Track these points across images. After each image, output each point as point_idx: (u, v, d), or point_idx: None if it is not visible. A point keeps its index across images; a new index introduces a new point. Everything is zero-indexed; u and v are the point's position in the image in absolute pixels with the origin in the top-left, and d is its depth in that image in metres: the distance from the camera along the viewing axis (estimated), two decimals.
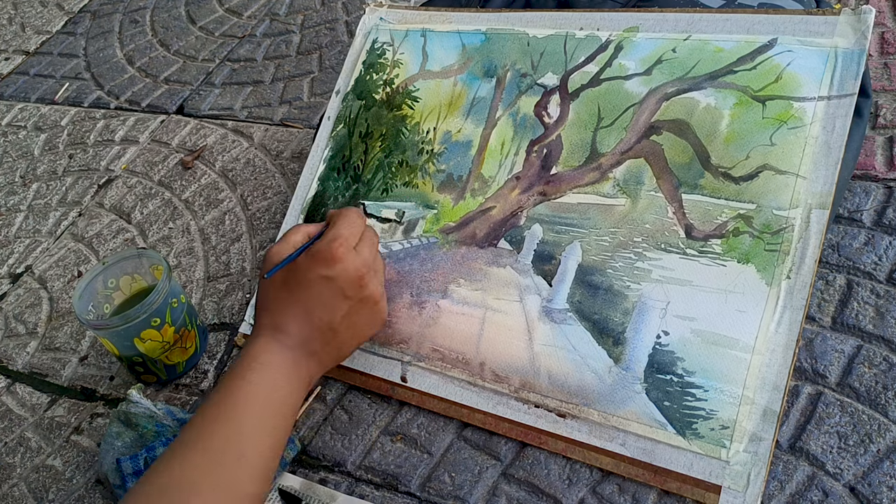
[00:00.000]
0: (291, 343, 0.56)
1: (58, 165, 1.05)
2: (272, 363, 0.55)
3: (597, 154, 0.65)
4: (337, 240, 0.57)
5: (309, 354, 0.56)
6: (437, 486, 0.59)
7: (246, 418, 0.51)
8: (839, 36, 0.59)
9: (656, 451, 0.55)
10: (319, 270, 0.56)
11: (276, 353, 0.55)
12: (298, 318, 0.56)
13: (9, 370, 0.80)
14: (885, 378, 0.56)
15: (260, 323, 0.57)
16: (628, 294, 0.59)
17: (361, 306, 0.58)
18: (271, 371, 0.54)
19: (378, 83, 0.79)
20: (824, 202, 0.56)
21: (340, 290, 0.56)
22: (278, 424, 0.53)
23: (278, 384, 0.54)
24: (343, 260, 0.56)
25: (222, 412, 0.51)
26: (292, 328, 0.56)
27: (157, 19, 1.28)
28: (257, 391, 0.53)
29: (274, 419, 0.53)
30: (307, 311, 0.56)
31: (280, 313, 0.57)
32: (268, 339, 0.56)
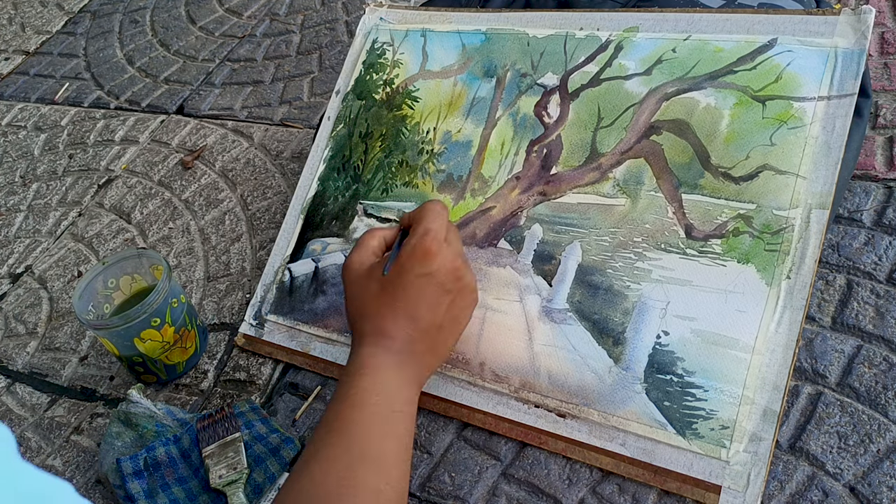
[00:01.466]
0: (397, 347, 0.55)
1: (58, 165, 1.05)
2: (381, 367, 0.53)
3: (597, 154, 0.65)
4: (428, 234, 0.55)
5: (415, 355, 0.55)
6: (437, 486, 0.59)
7: (361, 423, 0.50)
8: (839, 36, 0.59)
9: (656, 451, 0.55)
10: (417, 269, 0.55)
11: (383, 357, 0.54)
12: (401, 321, 0.55)
13: (9, 370, 0.80)
14: (885, 378, 0.56)
15: (361, 331, 0.56)
16: (628, 294, 0.59)
17: (461, 298, 0.57)
18: (379, 374, 0.53)
19: (378, 83, 0.79)
20: (824, 202, 0.56)
21: (441, 285, 0.55)
22: (396, 427, 0.51)
23: (387, 386, 0.53)
24: (439, 254, 0.55)
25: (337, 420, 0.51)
26: (396, 332, 0.55)
27: (157, 19, 1.28)
28: (367, 395, 0.52)
29: (389, 423, 0.51)
30: (410, 313, 0.55)
31: (381, 318, 0.55)
32: (372, 346, 0.55)
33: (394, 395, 0.53)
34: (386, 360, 0.54)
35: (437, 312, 0.55)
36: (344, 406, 0.52)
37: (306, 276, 0.73)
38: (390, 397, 0.52)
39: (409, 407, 0.54)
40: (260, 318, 0.73)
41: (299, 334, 0.71)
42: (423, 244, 0.55)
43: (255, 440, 0.63)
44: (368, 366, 0.54)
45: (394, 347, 0.55)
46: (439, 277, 0.55)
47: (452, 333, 0.58)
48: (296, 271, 0.74)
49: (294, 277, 0.74)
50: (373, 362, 0.54)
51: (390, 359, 0.54)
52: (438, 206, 0.58)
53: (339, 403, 0.52)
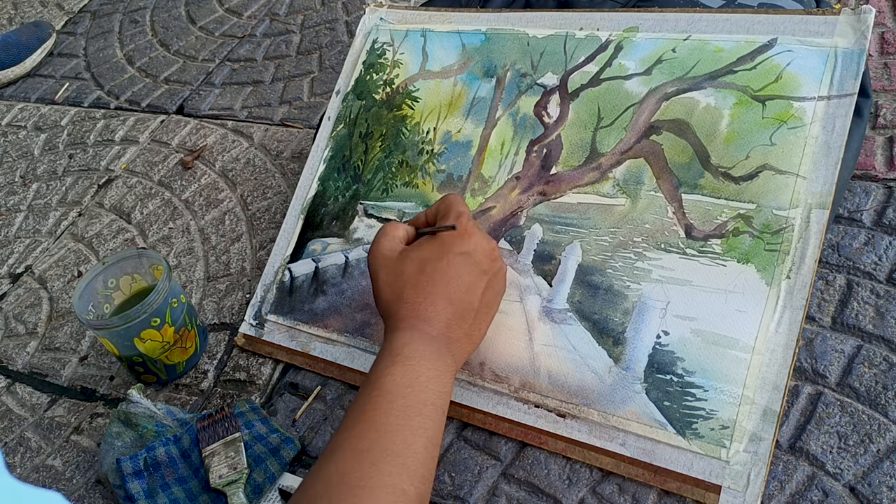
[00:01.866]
0: (434, 332, 0.53)
1: (58, 165, 1.05)
2: (415, 356, 0.52)
3: (597, 154, 0.65)
4: (464, 215, 0.56)
5: (450, 342, 0.54)
6: (437, 486, 0.59)
7: (391, 415, 0.48)
8: (839, 36, 0.59)
9: (656, 451, 0.55)
10: (455, 248, 0.55)
11: (418, 344, 0.52)
12: (439, 303, 0.54)
13: (9, 370, 0.80)
14: (885, 378, 0.56)
15: (397, 317, 0.54)
16: (628, 294, 0.59)
17: (495, 280, 0.57)
18: (414, 364, 0.51)
19: (378, 83, 0.79)
20: (824, 202, 0.56)
21: (478, 264, 0.55)
22: (426, 423, 0.49)
23: (422, 378, 0.51)
24: (475, 234, 0.55)
25: (368, 410, 0.49)
26: (434, 315, 0.54)
27: (157, 19, 1.28)
28: (400, 386, 0.50)
29: (420, 416, 0.49)
30: (449, 294, 0.54)
31: (421, 302, 0.54)
32: (409, 331, 0.53)
33: (428, 385, 0.51)
34: (422, 349, 0.52)
35: (474, 295, 0.55)
36: (375, 395, 0.50)
37: (306, 276, 0.73)
38: (424, 389, 0.51)
39: (442, 399, 0.51)
40: (260, 318, 0.73)
41: (299, 334, 0.71)
42: (461, 223, 0.55)
43: (255, 440, 0.63)
44: (403, 354, 0.52)
45: (431, 332, 0.53)
46: (477, 257, 0.55)
47: (485, 320, 0.57)
48: (296, 271, 0.74)
49: (294, 277, 0.74)
50: (408, 350, 0.52)
51: (427, 346, 0.52)
52: (457, 196, 0.59)
53: (370, 391, 0.50)
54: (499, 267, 0.57)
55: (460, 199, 0.59)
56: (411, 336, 0.53)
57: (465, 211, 0.57)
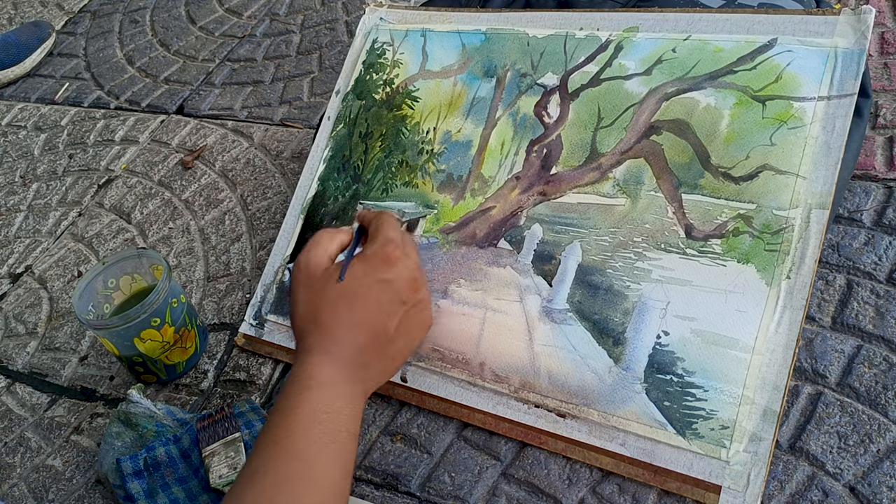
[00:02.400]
0: (345, 356, 0.53)
1: (58, 165, 1.05)
2: (327, 381, 0.51)
3: (597, 154, 0.65)
4: (391, 243, 0.55)
5: (362, 367, 0.53)
6: (437, 486, 0.59)
7: (310, 444, 0.49)
8: (839, 36, 0.59)
9: (656, 451, 0.55)
10: (377, 275, 0.54)
11: (330, 369, 0.52)
12: (353, 328, 0.53)
13: (9, 370, 0.80)
14: (885, 378, 0.56)
15: (311, 338, 0.54)
16: (628, 294, 0.59)
17: (415, 311, 0.56)
18: (326, 389, 0.51)
19: (378, 83, 0.79)
20: (824, 202, 0.56)
21: (397, 293, 0.54)
22: (341, 450, 0.50)
23: (336, 404, 0.51)
24: (400, 261, 0.54)
25: (284, 437, 0.49)
26: (346, 339, 0.53)
27: (157, 19, 1.28)
28: (315, 413, 0.50)
29: (336, 444, 0.49)
30: (363, 320, 0.53)
31: (335, 326, 0.53)
32: (321, 354, 0.52)
33: (341, 412, 0.50)
34: (333, 372, 0.52)
35: (390, 322, 0.54)
36: (291, 421, 0.49)
37: None
38: (338, 415, 0.50)
39: (354, 425, 0.51)
40: (260, 318, 0.73)
41: None
42: (386, 251, 0.54)
43: (254, 440, 0.63)
44: (316, 378, 0.51)
45: (342, 357, 0.52)
46: (397, 285, 0.54)
47: (402, 350, 0.56)
48: None
49: None
50: (321, 375, 0.51)
51: (339, 371, 0.52)
52: (393, 218, 0.58)
53: (285, 417, 0.50)
54: (420, 298, 0.56)
55: (392, 222, 0.57)
56: (322, 360, 0.52)
57: (394, 237, 0.55)
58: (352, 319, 0.53)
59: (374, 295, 0.54)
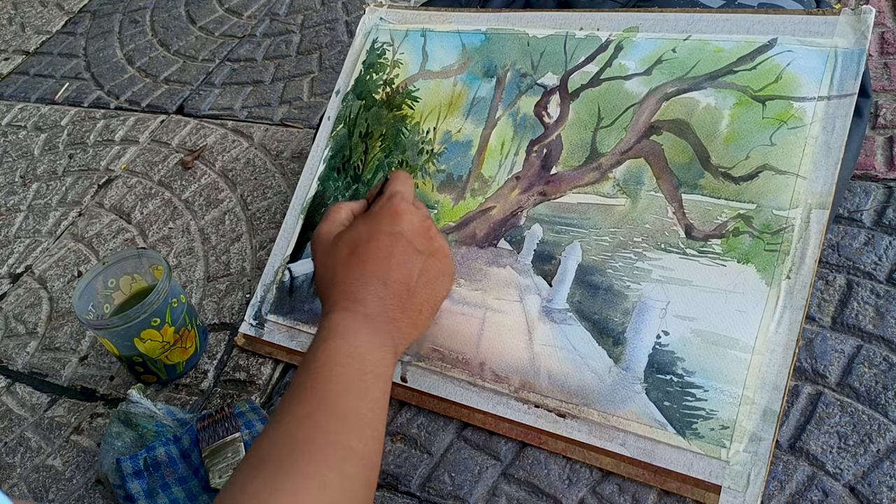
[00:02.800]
0: (368, 311, 0.53)
1: (58, 165, 1.05)
2: (349, 330, 0.52)
3: (597, 154, 0.65)
4: (395, 195, 0.55)
5: (389, 321, 0.53)
6: (437, 486, 0.59)
7: (331, 382, 0.49)
8: (839, 36, 0.59)
9: (656, 451, 0.55)
10: (385, 228, 0.54)
11: (352, 321, 0.52)
12: (372, 285, 0.53)
13: (9, 370, 0.80)
14: (885, 378, 0.56)
15: (331, 300, 0.54)
16: (628, 294, 0.59)
17: (434, 260, 0.55)
18: (349, 338, 0.51)
19: (378, 83, 0.79)
20: (824, 202, 0.56)
21: (410, 243, 0.54)
22: (368, 388, 0.49)
23: (360, 349, 0.51)
24: (407, 213, 0.54)
25: (307, 380, 0.49)
26: (367, 296, 0.53)
27: (157, 19, 1.28)
28: (337, 356, 0.50)
29: (361, 382, 0.49)
30: (380, 275, 0.53)
31: (351, 283, 0.53)
32: (342, 311, 0.53)
33: (366, 356, 0.51)
34: (356, 324, 0.52)
35: (408, 274, 0.54)
36: (314, 366, 0.50)
37: (306, 276, 0.73)
38: (362, 359, 0.50)
39: (384, 370, 0.51)
40: (260, 318, 0.73)
41: (299, 334, 0.71)
42: (391, 204, 0.55)
43: (255, 440, 0.63)
44: (337, 330, 0.52)
45: (365, 312, 0.53)
46: (408, 236, 0.54)
47: (428, 301, 0.56)
48: (296, 271, 0.74)
49: (294, 277, 0.74)
50: (343, 326, 0.52)
51: (362, 322, 0.52)
52: (404, 174, 0.59)
53: (308, 364, 0.50)
54: (437, 246, 0.56)
55: (403, 177, 0.58)
56: (344, 315, 0.53)
57: (401, 190, 0.56)
58: (366, 275, 0.53)
59: (385, 248, 0.54)
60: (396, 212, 0.54)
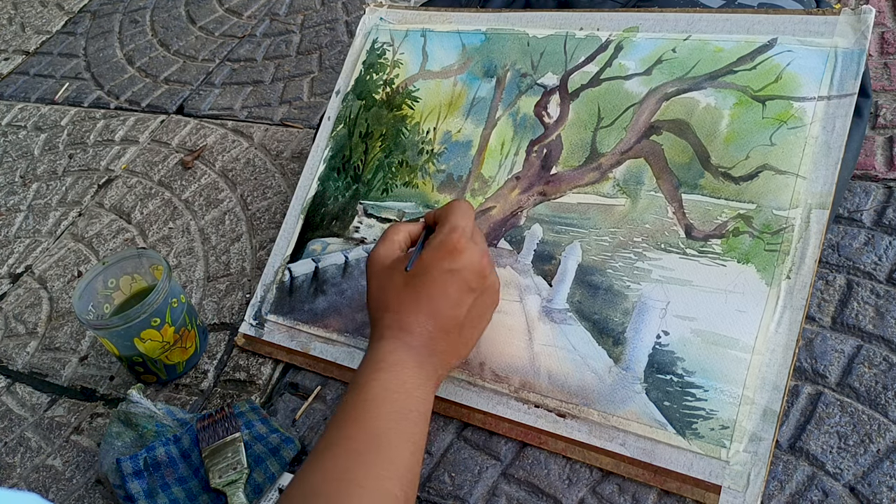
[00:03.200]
0: (416, 343, 0.54)
1: (58, 165, 1.05)
2: (398, 363, 0.53)
3: (597, 154, 0.65)
4: (456, 231, 0.55)
5: (435, 354, 0.54)
6: (437, 486, 0.59)
7: (380, 420, 0.50)
8: (839, 36, 0.59)
9: (656, 451, 0.55)
10: (444, 264, 0.54)
11: (402, 353, 0.53)
12: (423, 317, 0.54)
13: (9, 370, 0.80)
14: (885, 378, 0.56)
15: (382, 323, 0.55)
16: (628, 294, 0.59)
17: (485, 297, 0.56)
18: (398, 370, 0.52)
19: (378, 83, 0.79)
20: (824, 202, 0.56)
21: (466, 282, 0.54)
22: (412, 429, 0.51)
23: (407, 385, 0.52)
24: (466, 251, 0.54)
25: (358, 412, 0.50)
26: (416, 328, 0.54)
27: (157, 19, 1.28)
28: (387, 391, 0.51)
29: (406, 422, 0.50)
30: (433, 309, 0.54)
31: (403, 313, 0.54)
32: (392, 339, 0.54)
33: (413, 393, 0.52)
34: (405, 357, 0.53)
35: (459, 311, 0.55)
36: (363, 398, 0.50)
37: (306, 276, 0.73)
38: (409, 395, 0.51)
39: (426, 407, 0.52)
40: (260, 318, 0.73)
41: (299, 334, 0.71)
42: (451, 240, 0.54)
43: (255, 440, 0.63)
44: (388, 361, 0.52)
45: (413, 343, 0.54)
46: (465, 275, 0.54)
47: (474, 334, 0.57)
48: (296, 271, 0.74)
49: (294, 277, 0.74)
50: (392, 358, 0.53)
51: (410, 355, 0.53)
52: (465, 204, 0.58)
53: (357, 395, 0.51)
54: (490, 283, 0.56)
55: (464, 208, 0.57)
56: (395, 345, 0.54)
57: (461, 224, 0.55)
58: (419, 308, 0.54)
59: (440, 285, 0.54)
60: (455, 249, 0.54)
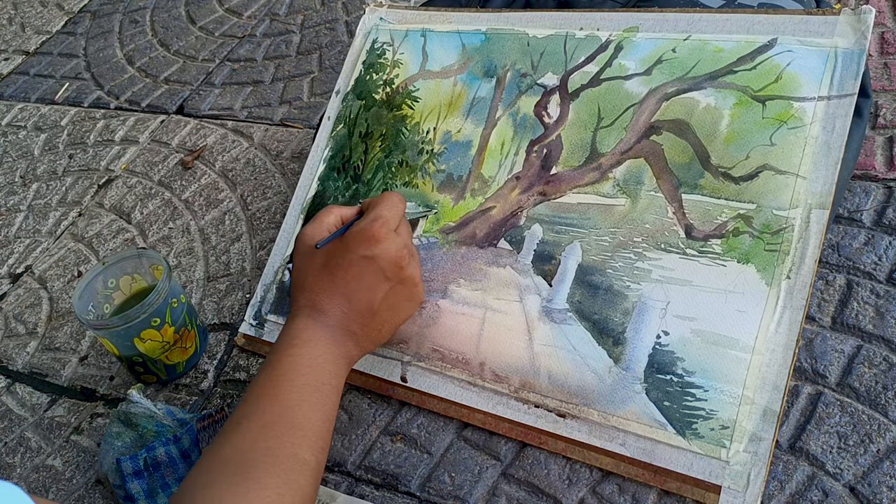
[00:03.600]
0: (331, 322, 0.56)
1: (58, 165, 1.05)
2: (312, 339, 0.55)
3: (597, 154, 0.65)
4: (378, 220, 0.57)
5: (348, 334, 0.57)
6: (436, 486, 0.59)
7: (292, 392, 0.52)
8: (839, 36, 0.59)
9: (656, 451, 0.55)
10: (360, 251, 0.56)
11: (315, 329, 0.56)
12: (337, 299, 0.56)
13: (9, 370, 0.80)
14: (884, 378, 0.56)
15: (298, 303, 0.58)
16: (628, 294, 0.59)
17: (401, 287, 0.58)
18: (311, 346, 0.55)
19: (378, 83, 0.79)
20: (824, 202, 0.56)
21: (381, 270, 0.56)
22: (324, 399, 0.53)
23: (319, 360, 0.54)
24: (384, 240, 0.56)
25: (270, 387, 0.52)
26: (331, 309, 0.56)
27: (157, 19, 1.28)
28: (299, 366, 0.53)
29: (318, 393, 0.53)
30: (347, 293, 0.56)
31: (319, 293, 0.57)
32: (306, 318, 0.56)
33: (324, 367, 0.54)
34: (318, 333, 0.55)
35: (373, 297, 0.57)
36: (276, 374, 0.53)
37: None
38: (321, 369, 0.54)
39: (338, 381, 0.55)
40: (260, 318, 0.73)
41: None
42: (371, 228, 0.56)
43: None
44: (301, 337, 0.55)
45: (328, 322, 0.56)
46: (380, 263, 0.56)
47: (389, 321, 0.59)
48: None
49: None
50: (306, 334, 0.55)
51: (323, 332, 0.56)
52: (396, 197, 0.60)
53: (271, 370, 0.53)
54: (406, 276, 0.58)
55: (394, 200, 0.59)
56: (308, 322, 0.56)
57: (384, 214, 0.57)
58: (334, 290, 0.57)
59: (356, 269, 0.56)
60: (374, 237, 0.56)
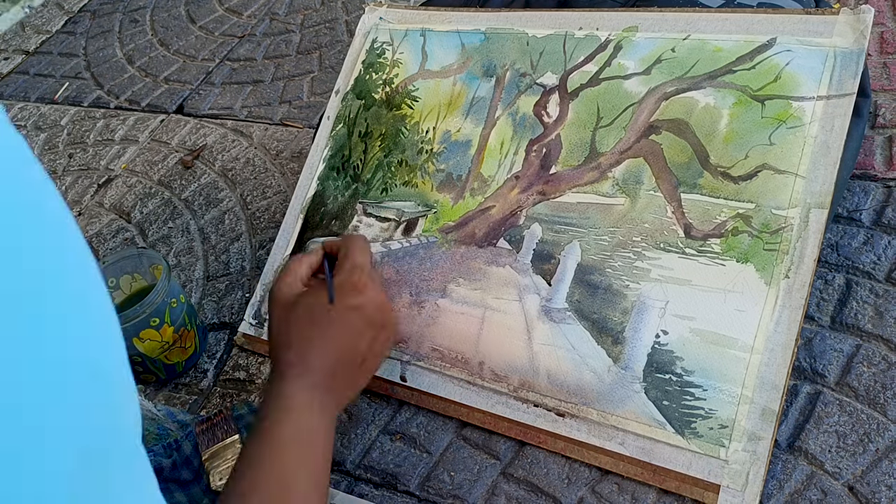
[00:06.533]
0: (318, 380, 0.54)
1: (58, 165, 1.05)
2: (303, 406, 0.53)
3: (596, 153, 0.65)
4: (356, 269, 0.56)
5: (332, 391, 0.55)
6: (436, 485, 0.59)
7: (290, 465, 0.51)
8: (838, 35, 0.60)
9: (655, 450, 0.55)
10: (347, 301, 0.55)
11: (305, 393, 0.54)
12: (324, 353, 0.55)
13: None
14: (883, 377, 0.56)
15: (284, 360, 0.55)
16: (627, 293, 0.59)
17: (384, 331, 0.58)
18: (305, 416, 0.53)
19: (378, 83, 0.79)
20: (823, 201, 0.56)
21: (368, 318, 0.56)
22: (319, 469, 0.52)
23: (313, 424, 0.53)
24: (368, 288, 0.56)
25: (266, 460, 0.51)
26: (318, 364, 0.55)
27: (157, 19, 1.28)
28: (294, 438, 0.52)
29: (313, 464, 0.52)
30: (335, 345, 0.55)
31: (308, 350, 0.55)
32: (296, 378, 0.54)
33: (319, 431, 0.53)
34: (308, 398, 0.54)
35: (359, 344, 0.56)
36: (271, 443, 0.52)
37: None
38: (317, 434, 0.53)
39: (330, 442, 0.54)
40: (259, 318, 0.73)
41: None
42: (352, 279, 0.56)
43: None
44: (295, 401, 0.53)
45: (315, 381, 0.54)
46: (367, 311, 0.56)
47: (370, 369, 0.58)
48: None
49: None
50: (296, 401, 0.53)
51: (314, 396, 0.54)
52: (361, 240, 0.59)
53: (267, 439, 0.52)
54: (389, 319, 0.58)
55: (360, 244, 0.59)
56: (298, 385, 0.54)
57: (360, 262, 0.57)
58: (324, 343, 0.55)
59: (343, 321, 0.55)
60: (356, 287, 0.56)
